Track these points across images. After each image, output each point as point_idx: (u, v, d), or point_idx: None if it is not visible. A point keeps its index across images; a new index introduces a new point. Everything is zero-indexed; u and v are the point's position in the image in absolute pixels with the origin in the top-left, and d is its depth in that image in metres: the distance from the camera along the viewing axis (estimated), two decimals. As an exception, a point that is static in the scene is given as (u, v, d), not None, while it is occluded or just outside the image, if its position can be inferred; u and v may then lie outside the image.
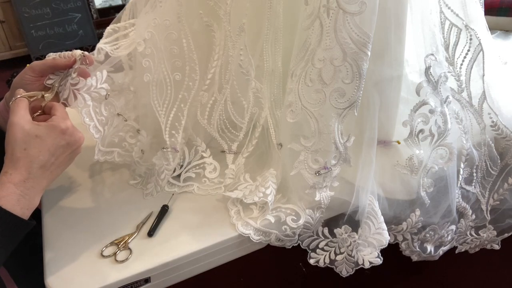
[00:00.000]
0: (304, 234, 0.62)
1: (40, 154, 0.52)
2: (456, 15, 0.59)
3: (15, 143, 0.50)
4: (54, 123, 0.53)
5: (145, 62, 0.63)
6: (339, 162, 0.58)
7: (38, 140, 0.51)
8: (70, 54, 0.60)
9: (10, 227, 0.49)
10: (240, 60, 0.62)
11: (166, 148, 0.66)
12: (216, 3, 0.62)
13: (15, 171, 0.50)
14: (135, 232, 0.58)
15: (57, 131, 0.53)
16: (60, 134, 0.53)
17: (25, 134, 0.51)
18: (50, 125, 0.53)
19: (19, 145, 0.51)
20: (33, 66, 0.59)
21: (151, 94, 0.64)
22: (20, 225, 0.50)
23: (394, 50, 0.58)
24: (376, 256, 0.58)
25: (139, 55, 0.64)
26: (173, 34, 0.63)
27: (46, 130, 0.52)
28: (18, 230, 0.50)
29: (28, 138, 0.51)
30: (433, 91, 0.57)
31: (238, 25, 0.60)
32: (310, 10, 0.53)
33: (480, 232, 0.74)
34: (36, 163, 0.52)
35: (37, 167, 0.52)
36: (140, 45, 0.63)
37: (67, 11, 3.68)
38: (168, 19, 0.62)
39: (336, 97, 0.54)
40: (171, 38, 0.63)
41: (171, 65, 0.64)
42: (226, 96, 0.66)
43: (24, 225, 0.51)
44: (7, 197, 0.49)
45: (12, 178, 0.50)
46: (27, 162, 0.51)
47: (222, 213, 0.62)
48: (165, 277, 0.55)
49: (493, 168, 0.68)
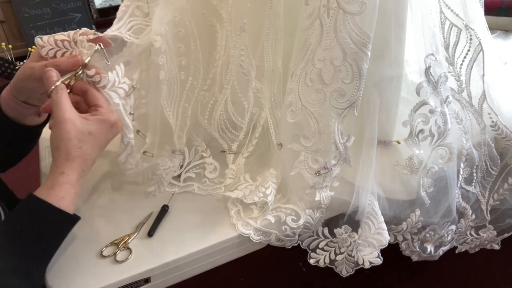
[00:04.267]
0: (304, 234, 0.62)
1: (93, 151, 0.51)
2: (456, 15, 0.59)
3: (69, 141, 0.49)
4: (104, 118, 0.51)
5: (160, 59, 0.60)
6: (339, 162, 0.58)
7: (91, 137, 0.50)
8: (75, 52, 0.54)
9: (66, 226, 0.51)
10: (241, 60, 0.62)
11: (174, 150, 0.66)
12: (218, 3, 0.62)
13: (71, 171, 0.49)
14: (135, 232, 0.58)
15: (107, 125, 0.51)
16: (110, 128, 0.52)
17: (78, 132, 0.49)
18: (101, 120, 0.51)
19: (74, 143, 0.49)
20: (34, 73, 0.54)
21: (162, 93, 0.62)
22: (73, 221, 0.51)
23: (394, 50, 0.58)
24: (376, 256, 0.58)
25: (154, 51, 0.60)
26: (181, 31, 0.62)
27: (98, 126, 0.51)
28: (71, 226, 0.52)
29: (82, 135, 0.49)
30: (433, 91, 0.57)
31: (239, 25, 0.60)
32: (310, 10, 0.53)
33: (480, 232, 0.74)
34: (90, 161, 0.51)
35: (90, 164, 0.51)
36: (156, 42, 0.59)
37: (67, 11, 3.69)
38: (177, 16, 0.61)
39: (336, 97, 0.54)
40: (179, 36, 0.63)
41: (177, 64, 0.64)
42: (227, 96, 0.66)
43: (75, 220, 0.52)
44: (66, 198, 0.49)
45: (70, 179, 0.49)
46: (82, 160, 0.50)
47: (222, 213, 0.62)
48: (165, 277, 0.55)
49: (493, 168, 0.68)
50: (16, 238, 0.46)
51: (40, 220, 0.47)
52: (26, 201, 0.49)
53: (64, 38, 0.55)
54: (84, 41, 0.54)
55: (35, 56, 0.56)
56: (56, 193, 0.49)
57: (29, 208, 0.48)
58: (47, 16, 3.62)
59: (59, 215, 0.48)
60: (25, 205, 0.48)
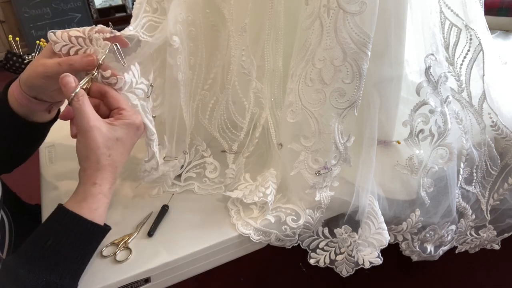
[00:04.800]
0: (304, 234, 0.62)
1: (122, 157, 0.50)
2: (456, 15, 0.59)
3: (98, 150, 0.47)
4: (130, 121, 0.49)
5: (178, 59, 0.58)
6: (339, 162, 0.58)
7: (119, 143, 0.49)
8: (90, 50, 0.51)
9: (98, 238, 0.51)
10: (242, 60, 0.62)
11: (185, 151, 0.65)
12: (221, 2, 0.62)
13: (104, 181, 0.48)
14: (135, 232, 0.58)
15: (134, 129, 0.50)
16: (136, 132, 0.50)
17: (106, 139, 0.47)
18: (127, 124, 0.49)
19: (103, 152, 0.47)
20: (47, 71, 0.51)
21: (181, 94, 0.60)
22: (104, 232, 0.51)
23: (394, 50, 0.58)
24: (376, 256, 0.58)
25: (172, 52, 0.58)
26: (193, 31, 0.62)
27: (125, 131, 0.49)
28: (103, 237, 0.52)
29: (109, 142, 0.48)
30: (433, 91, 0.57)
31: (241, 25, 0.60)
32: (310, 10, 0.53)
33: (480, 232, 0.74)
34: (119, 167, 0.50)
35: (120, 171, 0.50)
36: (175, 42, 0.56)
37: (67, 11, 3.69)
38: (190, 15, 0.61)
39: (336, 97, 0.54)
40: (191, 35, 0.62)
41: (188, 63, 0.63)
42: (228, 96, 0.66)
43: (107, 231, 0.52)
44: (99, 210, 0.48)
45: (102, 189, 0.48)
46: (112, 168, 0.49)
47: (222, 213, 0.62)
48: (165, 277, 0.55)
49: (493, 168, 0.68)
50: (47, 253, 0.45)
51: (72, 234, 0.46)
52: (57, 214, 0.47)
53: (78, 35, 0.51)
54: (100, 39, 0.51)
55: (47, 52, 0.52)
56: (88, 205, 0.47)
57: (60, 222, 0.47)
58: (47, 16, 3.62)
59: (92, 228, 0.47)
60: (56, 219, 0.47)
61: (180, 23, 0.58)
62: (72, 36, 0.51)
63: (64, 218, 0.47)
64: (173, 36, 0.56)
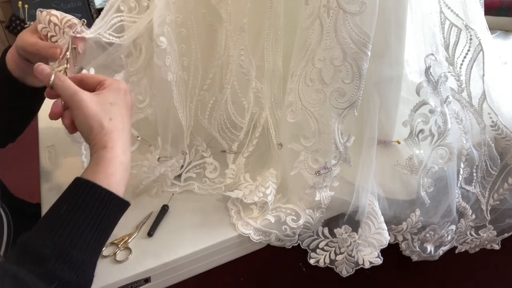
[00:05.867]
0: (304, 234, 0.62)
1: (123, 121, 0.48)
2: (456, 15, 0.59)
3: (97, 114, 0.46)
4: (115, 86, 0.49)
5: (167, 60, 0.58)
6: (339, 162, 0.58)
7: (114, 107, 0.47)
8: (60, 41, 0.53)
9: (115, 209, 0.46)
10: (240, 60, 0.62)
11: (184, 151, 0.65)
12: (217, 3, 0.62)
13: (114, 144, 0.46)
14: (135, 232, 0.58)
15: (121, 92, 0.49)
16: (124, 95, 0.49)
17: (100, 105, 0.46)
18: (113, 89, 0.48)
19: (103, 116, 0.46)
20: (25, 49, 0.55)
21: (173, 94, 0.61)
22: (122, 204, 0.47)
23: (394, 50, 0.58)
24: (376, 256, 0.58)
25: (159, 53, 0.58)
26: (183, 32, 0.62)
27: (114, 95, 0.48)
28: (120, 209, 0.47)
29: (105, 107, 0.47)
30: (433, 91, 0.57)
31: (239, 25, 0.60)
32: (310, 10, 0.53)
33: (480, 232, 0.74)
34: (126, 132, 0.48)
35: (127, 135, 0.48)
36: (162, 43, 0.57)
37: (67, 11, 3.64)
38: (179, 16, 0.61)
39: (336, 97, 0.54)
40: (181, 36, 0.62)
41: (181, 64, 0.63)
42: (227, 96, 0.66)
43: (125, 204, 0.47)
44: (116, 175, 0.45)
45: (115, 152, 0.45)
46: (118, 132, 0.47)
47: (222, 213, 0.62)
48: (165, 277, 0.55)
49: (493, 168, 0.68)
50: (61, 221, 0.42)
51: (85, 202, 0.43)
52: (72, 185, 0.45)
53: (56, 22, 0.54)
54: (70, 33, 0.53)
55: (33, 27, 0.56)
56: (103, 169, 0.45)
57: (75, 190, 0.44)
58: (47, 16, 3.62)
59: (108, 197, 0.44)
60: (71, 189, 0.45)
61: (168, 24, 0.58)
62: (51, 22, 0.54)
63: (79, 187, 0.44)
64: (160, 37, 0.56)
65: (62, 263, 0.41)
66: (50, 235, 0.41)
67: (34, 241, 0.41)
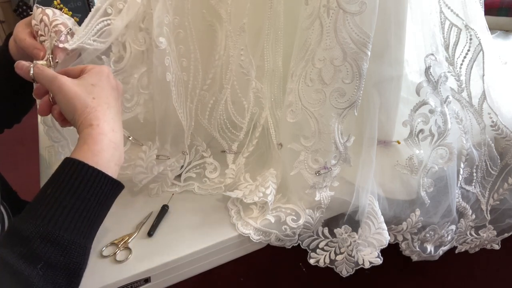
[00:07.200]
0: (304, 234, 0.62)
1: (108, 101, 0.48)
2: (456, 15, 0.59)
3: (80, 95, 0.46)
4: (97, 69, 0.49)
5: (166, 60, 0.58)
6: (339, 162, 0.58)
7: (97, 88, 0.47)
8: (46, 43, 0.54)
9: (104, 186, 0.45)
10: (240, 60, 0.62)
11: (184, 151, 0.65)
12: (217, 3, 0.62)
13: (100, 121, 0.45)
14: (135, 232, 0.58)
15: (104, 75, 0.49)
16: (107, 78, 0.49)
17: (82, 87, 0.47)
18: (95, 72, 0.49)
19: (85, 96, 0.46)
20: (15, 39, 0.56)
21: (172, 95, 0.61)
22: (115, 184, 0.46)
23: (394, 50, 0.58)
24: (376, 256, 0.58)
25: (159, 53, 0.58)
26: (181, 33, 0.62)
27: (95, 76, 0.48)
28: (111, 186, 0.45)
29: (87, 88, 0.47)
30: (433, 91, 0.57)
31: (239, 25, 0.60)
32: (310, 10, 0.53)
33: (480, 232, 0.74)
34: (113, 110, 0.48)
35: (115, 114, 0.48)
36: (162, 43, 0.57)
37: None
38: (177, 17, 0.61)
39: (336, 97, 0.54)
40: (180, 37, 0.62)
41: (180, 65, 0.63)
42: (227, 96, 0.66)
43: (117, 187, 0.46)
44: (103, 153, 0.44)
45: (102, 129, 0.45)
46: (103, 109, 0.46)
47: (222, 213, 0.62)
48: (165, 277, 0.55)
49: (493, 168, 0.68)
50: (45, 202, 0.41)
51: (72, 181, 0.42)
52: (60, 166, 0.44)
53: (46, 23, 0.55)
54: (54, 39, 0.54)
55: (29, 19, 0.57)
56: (90, 146, 0.44)
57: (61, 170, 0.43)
58: (47, 16, 3.62)
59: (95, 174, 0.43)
60: (58, 169, 0.44)
61: (167, 25, 0.58)
62: (43, 21, 0.55)
63: (65, 166, 0.43)
64: (159, 37, 0.56)
65: (46, 243, 0.40)
66: (36, 215, 0.41)
67: (19, 223, 0.41)
